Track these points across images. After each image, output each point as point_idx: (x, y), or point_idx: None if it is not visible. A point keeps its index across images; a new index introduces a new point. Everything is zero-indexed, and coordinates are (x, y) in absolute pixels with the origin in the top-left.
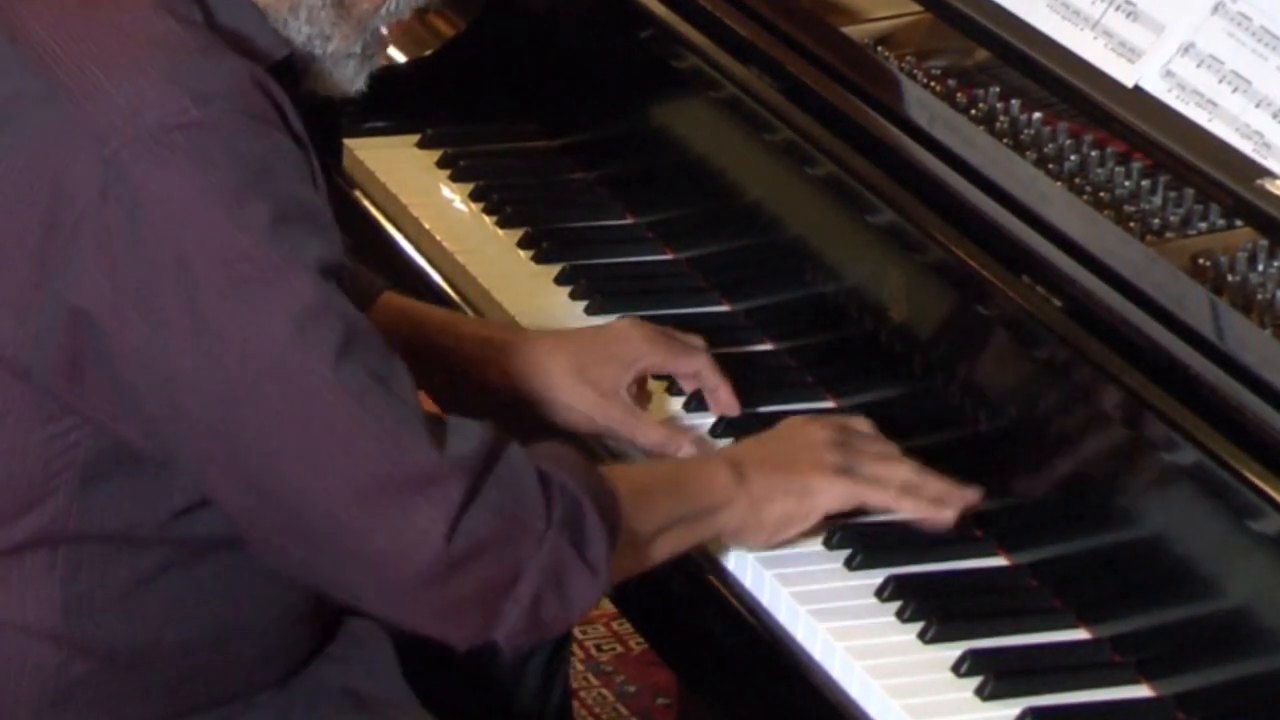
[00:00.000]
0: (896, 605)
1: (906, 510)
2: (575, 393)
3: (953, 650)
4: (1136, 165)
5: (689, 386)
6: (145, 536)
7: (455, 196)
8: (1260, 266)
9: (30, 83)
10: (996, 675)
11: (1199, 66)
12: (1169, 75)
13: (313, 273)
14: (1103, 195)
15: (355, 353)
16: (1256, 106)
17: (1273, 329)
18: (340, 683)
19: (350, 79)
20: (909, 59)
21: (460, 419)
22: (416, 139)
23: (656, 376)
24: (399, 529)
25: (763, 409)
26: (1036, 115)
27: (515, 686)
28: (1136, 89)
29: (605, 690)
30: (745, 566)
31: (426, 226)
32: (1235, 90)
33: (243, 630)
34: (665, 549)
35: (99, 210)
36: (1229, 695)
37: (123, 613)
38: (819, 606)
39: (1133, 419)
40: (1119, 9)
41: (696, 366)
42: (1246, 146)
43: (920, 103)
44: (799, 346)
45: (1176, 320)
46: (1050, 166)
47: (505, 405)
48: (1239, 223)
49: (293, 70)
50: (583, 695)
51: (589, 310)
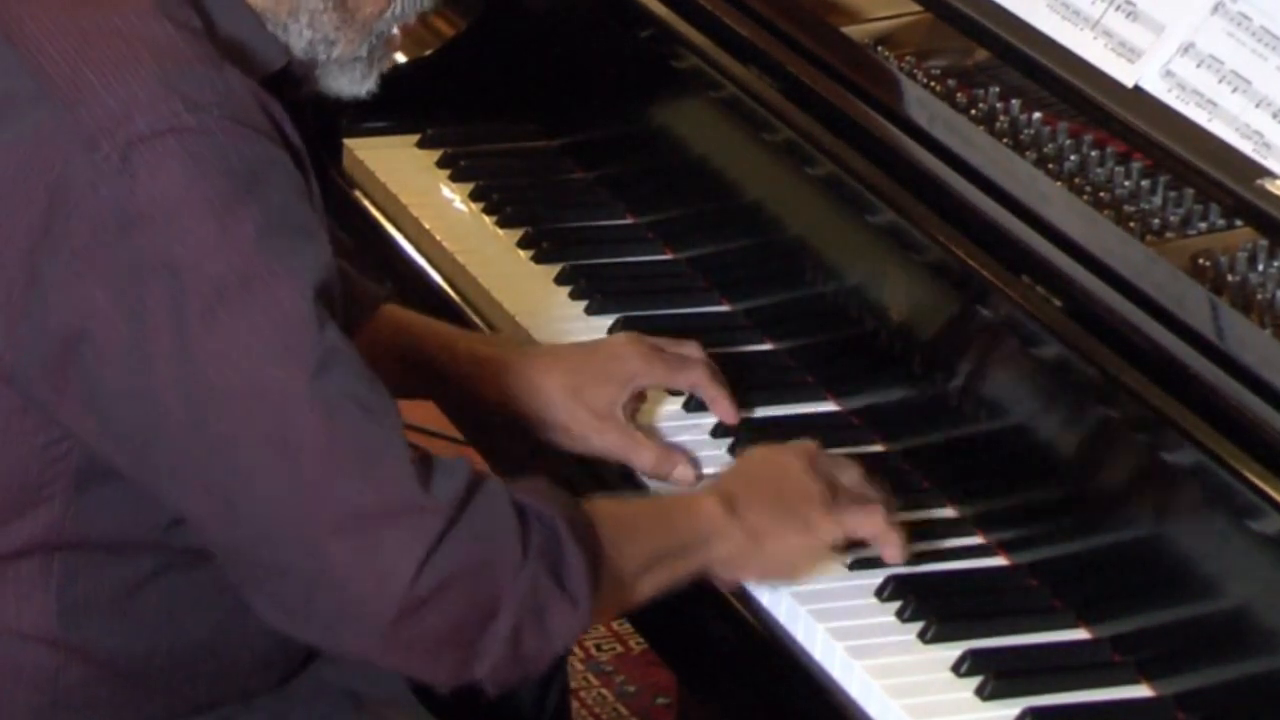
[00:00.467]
0: (896, 605)
1: (893, 545)
2: (570, 414)
3: (953, 650)
4: (1136, 165)
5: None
6: (140, 543)
7: (455, 196)
8: (1260, 266)
9: (24, 82)
10: (996, 675)
11: (1199, 66)
12: (1169, 75)
13: (299, 286)
14: (1103, 195)
15: (334, 372)
16: (1256, 106)
17: (1273, 329)
18: (340, 684)
19: (358, 82)
20: (909, 59)
21: (444, 457)
22: (416, 139)
23: None
24: (369, 560)
25: (763, 409)
26: (1036, 115)
27: (514, 687)
28: (1136, 89)
29: (605, 690)
30: None
31: (426, 226)
32: (1235, 90)
33: (240, 634)
34: (652, 585)
35: (90, 213)
36: (1229, 695)
37: (119, 618)
38: (819, 606)
39: (1133, 419)
40: (1119, 9)
41: (693, 380)
42: (1246, 146)
43: (920, 103)
44: (799, 346)
45: (1176, 320)
46: (1050, 166)
47: (501, 423)
48: (1239, 223)
49: (291, 78)
50: (583, 695)
51: (589, 310)
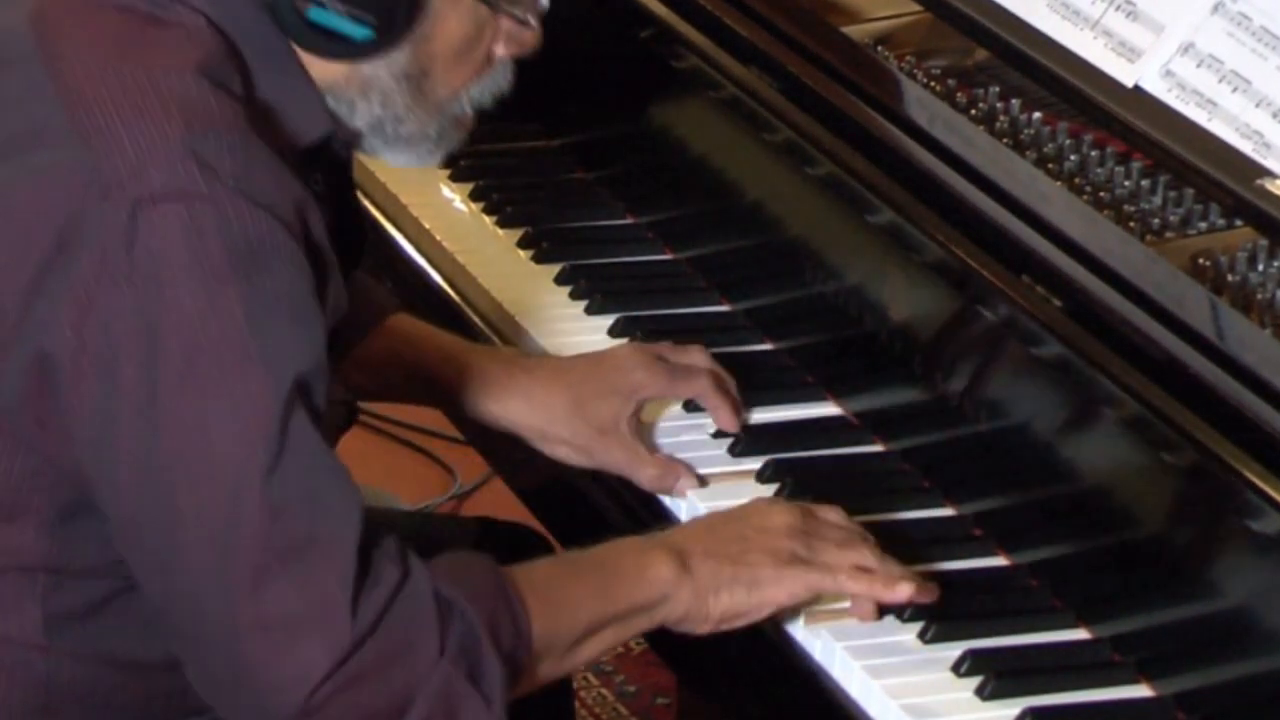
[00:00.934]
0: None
1: (858, 590)
2: (573, 429)
3: (953, 650)
4: (1136, 165)
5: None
6: (122, 567)
7: (455, 196)
8: (1260, 266)
9: (57, 118)
10: (996, 675)
11: (1199, 66)
12: (1169, 75)
13: (275, 376)
14: (1103, 195)
15: (291, 470)
16: (1256, 106)
17: (1273, 329)
18: None
19: (422, 157)
20: (909, 59)
21: (380, 550)
22: None
23: None
24: (281, 659)
25: (763, 409)
26: (1036, 115)
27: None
28: (1136, 89)
29: (605, 690)
30: None
31: (426, 226)
32: (1235, 90)
33: None
34: (594, 649)
35: (89, 262)
36: (1229, 695)
37: (107, 624)
38: (819, 607)
39: (1133, 419)
40: (1119, 9)
41: (698, 390)
42: (1246, 146)
43: (920, 103)
44: (799, 346)
45: (1176, 320)
46: (1050, 166)
47: (505, 435)
48: (1239, 223)
49: (329, 148)
50: (583, 695)
51: (589, 310)
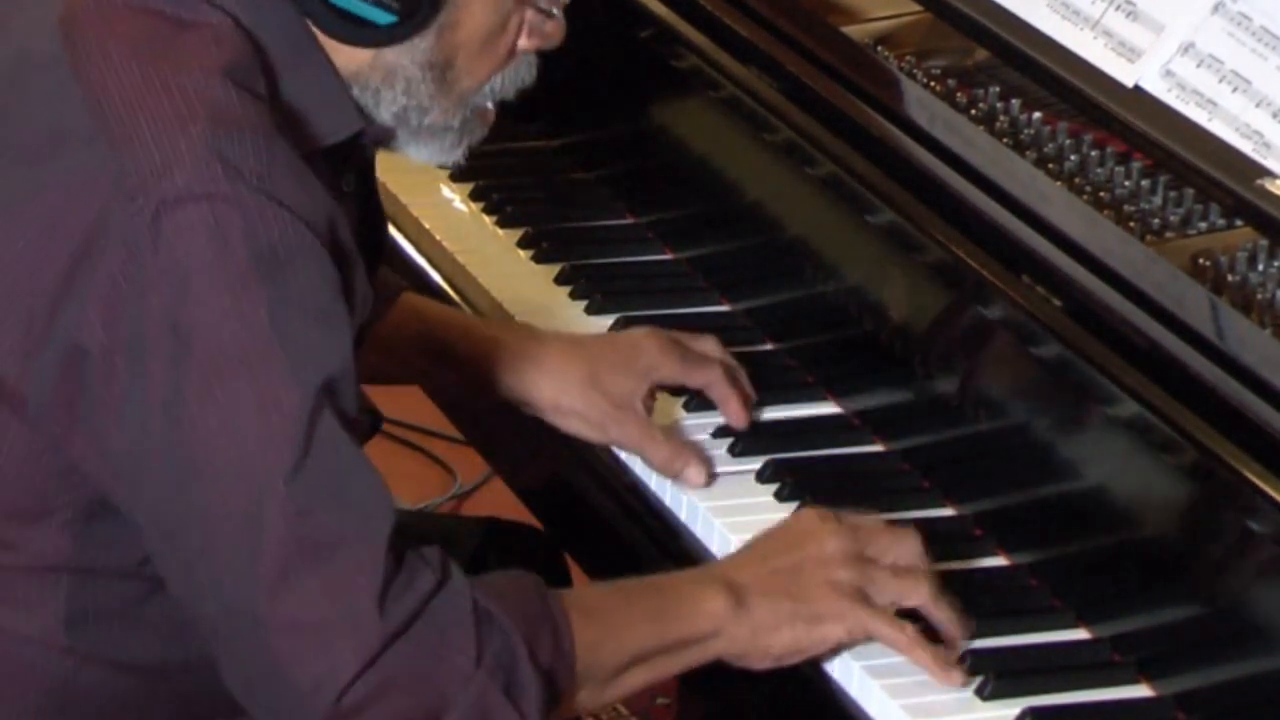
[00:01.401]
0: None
1: (921, 661)
2: (588, 401)
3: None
4: (1136, 165)
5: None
6: (146, 563)
7: (455, 196)
8: (1260, 266)
9: (82, 119)
10: (996, 675)
11: (1199, 66)
12: (1169, 75)
13: (301, 377)
14: (1103, 195)
15: (319, 471)
16: (1256, 106)
17: (1273, 329)
18: None
19: (445, 151)
20: (909, 59)
21: (416, 558)
22: None
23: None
24: (310, 661)
25: (763, 409)
26: (1036, 115)
27: None
28: (1136, 89)
29: None
30: None
31: (426, 226)
32: (1235, 90)
33: None
34: (642, 677)
35: (114, 263)
36: (1229, 695)
37: (128, 628)
38: None
39: (1133, 419)
40: (1119, 9)
41: (709, 379)
42: (1246, 146)
43: (920, 103)
44: (799, 346)
45: (1176, 320)
46: (1050, 166)
47: (517, 409)
48: (1239, 223)
49: (358, 146)
50: None
51: (589, 310)
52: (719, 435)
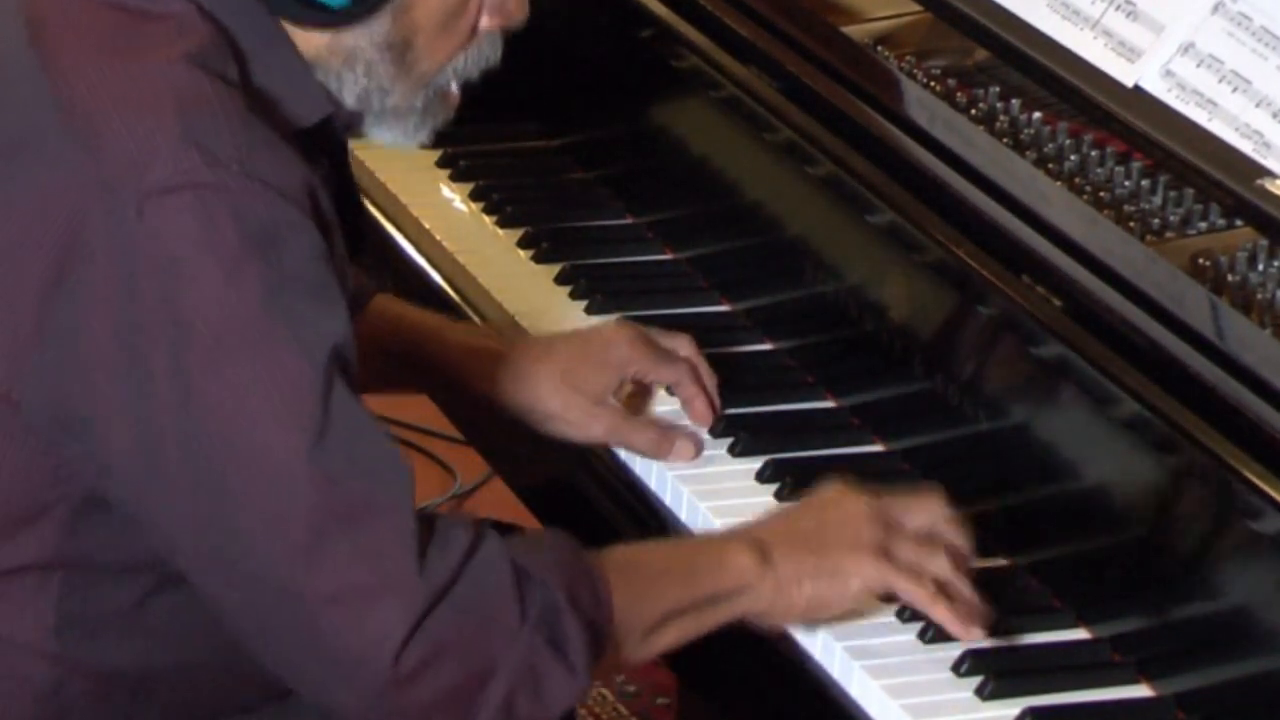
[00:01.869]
0: (896, 605)
1: (938, 615)
2: (564, 401)
3: (953, 650)
4: (1136, 165)
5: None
6: (140, 564)
7: (455, 196)
8: (1260, 266)
9: (51, 117)
10: (996, 675)
11: (1199, 66)
12: (1169, 75)
13: (305, 350)
14: (1103, 195)
15: (338, 440)
16: (1256, 106)
17: (1273, 329)
18: None
19: (410, 134)
20: (909, 59)
21: (448, 520)
22: None
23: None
24: (357, 631)
25: (763, 409)
26: (1036, 115)
27: None
28: (1136, 89)
29: (605, 690)
30: None
31: (426, 226)
32: (1235, 90)
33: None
34: (674, 635)
35: (103, 261)
36: (1229, 695)
37: (118, 634)
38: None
39: (1133, 419)
40: (1119, 9)
41: (675, 376)
42: (1246, 146)
43: (920, 103)
44: (799, 346)
45: (1176, 320)
46: (1050, 166)
47: (495, 415)
48: (1239, 223)
49: (329, 131)
50: None
51: (589, 310)
52: (719, 435)
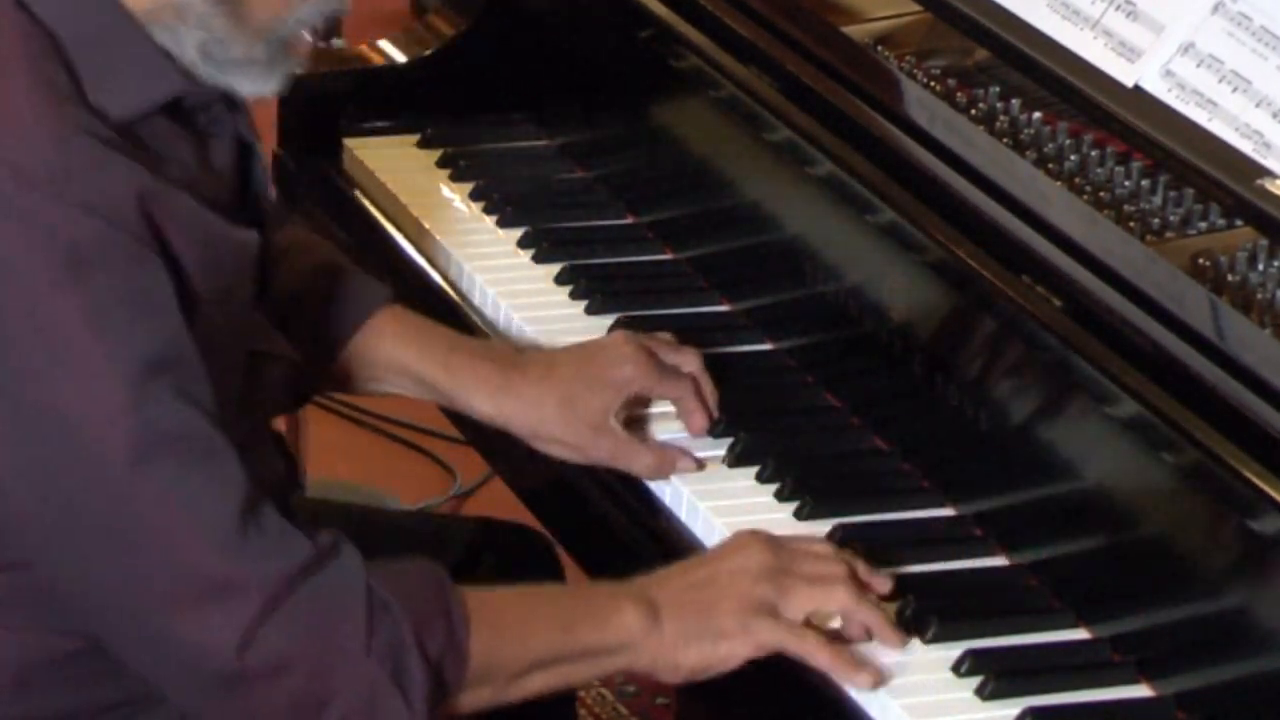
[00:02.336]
0: (896, 605)
1: (822, 664)
2: (565, 426)
3: (953, 650)
4: (1136, 165)
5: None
6: (60, 625)
7: (455, 196)
8: (1260, 266)
9: None
10: (996, 675)
11: (1199, 66)
12: (1169, 75)
13: (121, 365)
14: (1103, 195)
15: (158, 453)
16: (1256, 106)
17: (1273, 329)
18: None
19: (257, 82)
20: (909, 59)
21: (295, 528)
22: (416, 139)
23: None
24: (192, 633)
25: (763, 409)
26: (1036, 115)
27: None
28: (1136, 89)
29: (605, 690)
30: None
31: (426, 226)
32: (1235, 90)
33: None
34: (542, 682)
35: None
36: (1229, 695)
37: (80, 680)
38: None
39: (1133, 419)
40: (1119, 9)
41: (679, 393)
42: (1246, 146)
43: (920, 103)
44: (799, 346)
45: (1176, 320)
46: (1050, 166)
47: (503, 433)
48: (1239, 223)
49: (180, 108)
50: (583, 695)
51: (589, 310)
52: (719, 435)
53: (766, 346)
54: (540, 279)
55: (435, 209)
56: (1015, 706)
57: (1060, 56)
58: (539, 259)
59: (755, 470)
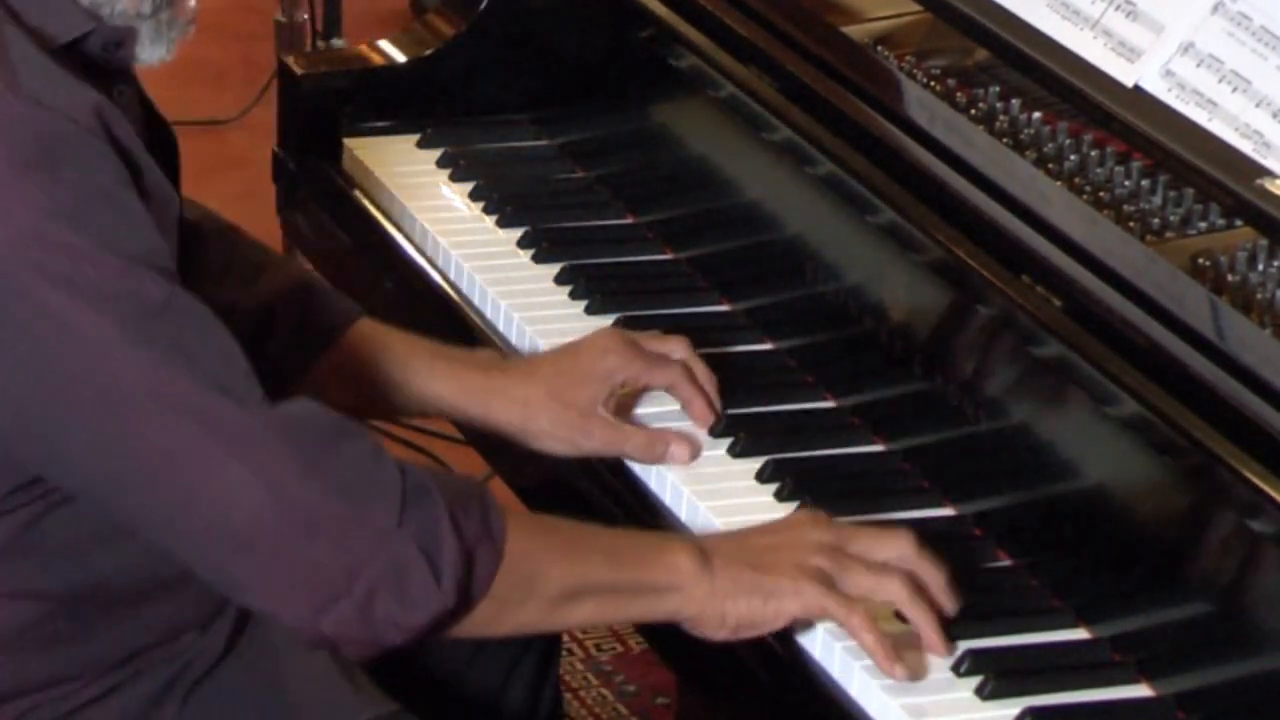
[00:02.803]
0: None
1: (864, 644)
2: (554, 419)
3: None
4: (1136, 165)
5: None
6: (19, 494)
7: (455, 196)
8: (1260, 266)
9: None
10: (996, 675)
11: (1199, 66)
12: (1169, 75)
13: (102, 249)
14: (1103, 195)
15: (148, 322)
16: (1256, 106)
17: (1273, 329)
18: None
19: (147, 47)
20: (909, 59)
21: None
22: (416, 139)
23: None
24: (219, 490)
25: (763, 409)
26: (1036, 115)
27: (500, 697)
28: (1136, 89)
29: (605, 690)
30: None
31: (426, 226)
32: (1235, 90)
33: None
34: (589, 611)
35: None
36: (1229, 695)
37: (24, 557)
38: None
39: (1133, 419)
40: (1119, 9)
41: (671, 379)
42: (1246, 146)
43: (920, 103)
44: (799, 346)
45: (1176, 320)
46: (1050, 166)
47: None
48: (1239, 223)
49: (113, 58)
50: (583, 695)
51: (589, 310)
52: (719, 435)
53: (766, 346)
54: (540, 279)
55: (435, 209)
56: (1015, 706)
57: (1060, 56)
58: (539, 259)
59: (755, 470)
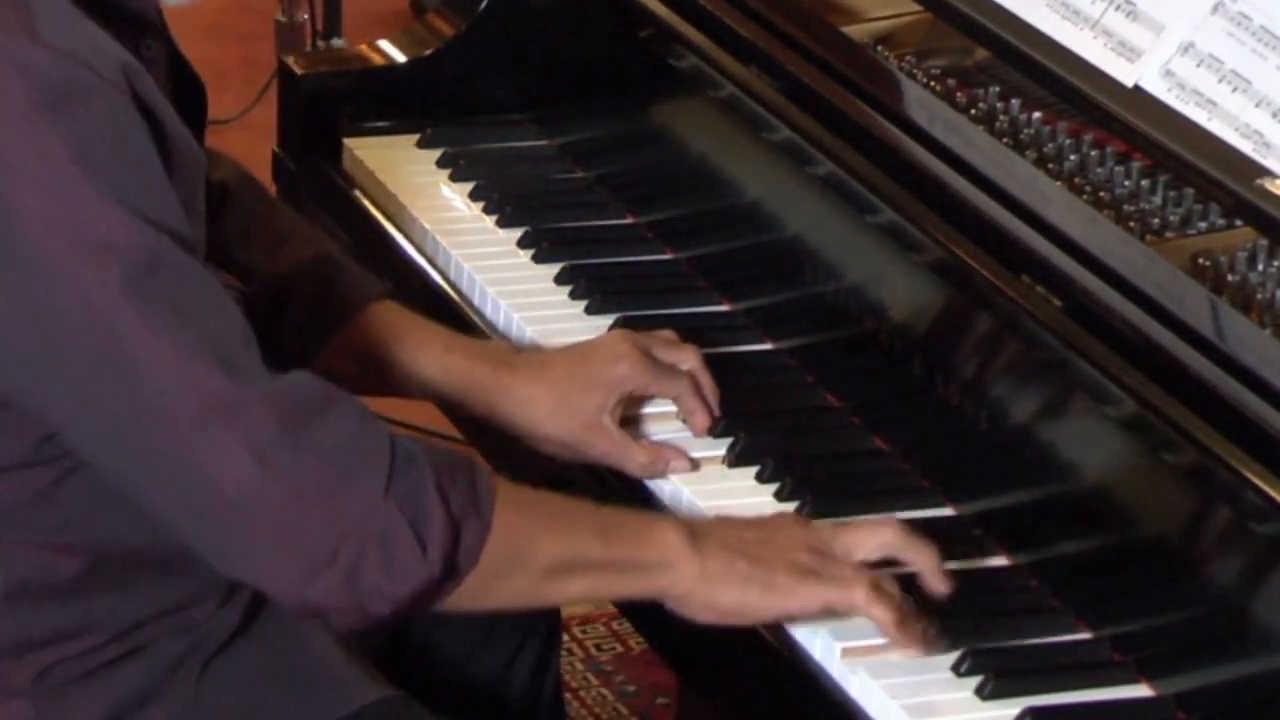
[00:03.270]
0: None
1: (875, 614)
2: (559, 426)
3: (953, 650)
4: (1136, 165)
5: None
6: (51, 450)
7: (455, 196)
8: (1260, 266)
9: None
10: (996, 675)
11: (1199, 66)
12: (1169, 75)
13: (109, 198)
14: (1103, 195)
15: (150, 280)
16: (1256, 106)
17: (1273, 329)
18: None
19: None
20: (909, 59)
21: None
22: (416, 139)
23: None
24: (207, 457)
25: (763, 409)
26: (1036, 115)
27: (503, 684)
28: (1136, 89)
29: (605, 690)
30: None
31: (426, 226)
32: (1235, 90)
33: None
34: (577, 587)
35: None
36: (1229, 695)
37: (49, 512)
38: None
39: (1133, 419)
40: (1119, 9)
41: (678, 391)
42: (1246, 146)
43: (920, 103)
44: (799, 346)
45: (1176, 320)
46: (1050, 166)
47: (500, 433)
48: (1239, 223)
49: (136, 12)
50: (583, 695)
51: (589, 310)
52: (719, 435)
53: (766, 346)
54: (540, 279)
55: (435, 209)
56: (1015, 706)
57: (1060, 56)
58: (539, 259)
59: (755, 470)
